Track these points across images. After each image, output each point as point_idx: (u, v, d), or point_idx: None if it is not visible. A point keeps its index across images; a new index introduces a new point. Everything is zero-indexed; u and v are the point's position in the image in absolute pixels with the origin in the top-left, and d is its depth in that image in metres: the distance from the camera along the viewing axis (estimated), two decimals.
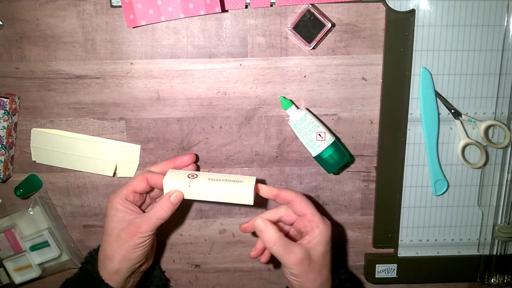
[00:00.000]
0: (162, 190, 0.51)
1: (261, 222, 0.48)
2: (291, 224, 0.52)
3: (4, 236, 0.60)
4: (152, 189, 0.54)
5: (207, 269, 0.65)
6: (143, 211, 0.53)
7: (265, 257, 0.54)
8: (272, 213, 0.51)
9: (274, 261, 0.64)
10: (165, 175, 0.51)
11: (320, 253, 0.48)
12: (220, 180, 0.50)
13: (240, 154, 0.61)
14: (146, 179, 0.51)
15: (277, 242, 0.47)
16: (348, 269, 0.65)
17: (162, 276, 0.62)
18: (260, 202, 0.53)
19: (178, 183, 0.49)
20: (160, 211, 0.49)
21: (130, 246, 0.49)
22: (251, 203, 0.49)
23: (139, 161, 0.61)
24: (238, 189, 0.49)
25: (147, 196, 0.55)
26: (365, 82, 0.58)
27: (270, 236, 0.47)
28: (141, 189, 0.51)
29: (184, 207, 0.63)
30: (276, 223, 0.51)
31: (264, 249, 0.53)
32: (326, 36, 0.56)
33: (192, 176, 0.50)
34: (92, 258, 0.54)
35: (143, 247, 0.50)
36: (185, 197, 0.50)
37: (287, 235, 0.53)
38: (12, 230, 0.60)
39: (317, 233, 0.48)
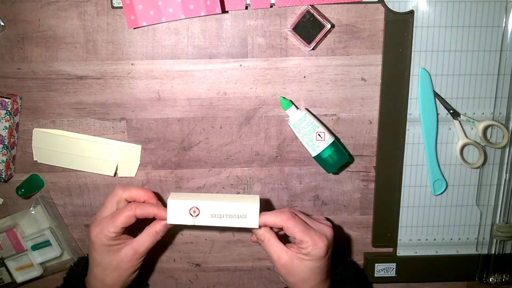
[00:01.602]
0: (156, 219, 0.51)
1: (260, 232, 0.50)
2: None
3: (6, 235, 0.61)
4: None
5: (208, 268, 0.66)
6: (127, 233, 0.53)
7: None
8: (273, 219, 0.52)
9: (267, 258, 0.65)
10: (155, 203, 0.52)
11: (304, 266, 0.49)
12: (223, 216, 0.49)
13: (240, 154, 0.61)
14: (134, 216, 0.50)
15: (263, 237, 0.50)
16: (355, 264, 0.63)
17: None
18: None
19: (182, 222, 0.49)
20: (156, 236, 0.51)
21: (131, 272, 0.51)
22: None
23: (140, 161, 0.61)
24: (243, 225, 0.49)
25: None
26: (364, 83, 0.59)
27: (260, 233, 0.50)
28: (129, 224, 0.50)
29: None
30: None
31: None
32: (326, 37, 0.57)
33: (195, 212, 0.49)
34: (75, 272, 0.55)
35: (140, 265, 0.52)
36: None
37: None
38: (14, 229, 0.61)
39: (305, 252, 0.49)
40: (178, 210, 0.49)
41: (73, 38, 0.56)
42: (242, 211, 0.49)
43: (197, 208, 0.49)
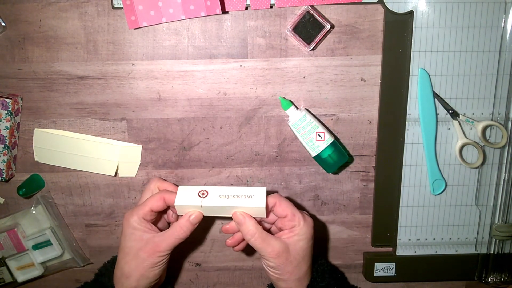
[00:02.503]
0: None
1: (240, 215, 0.49)
2: (273, 223, 0.54)
3: (7, 235, 0.61)
4: (168, 207, 0.54)
5: (208, 267, 0.66)
6: (159, 229, 0.53)
7: (239, 246, 0.54)
8: None
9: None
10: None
11: (300, 248, 0.49)
12: (231, 197, 0.49)
13: (240, 154, 0.61)
14: (163, 198, 0.51)
15: (255, 234, 0.48)
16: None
17: None
18: None
19: (190, 204, 0.49)
20: (180, 231, 0.50)
21: (149, 265, 0.50)
22: (264, 216, 0.50)
23: (141, 161, 0.61)
24: (250, 205, 0.49)
25: (162, 213, 0.55)
26: (364, 83, 0.59)
27: (249, 229, 0.49)
28: (158, 208, 0.51)
29: None
30: (258, 222, 0.52)
31: (242, 239, 0.53)
32: (325, 37, 0.57)
33: (203, 194, 0.50)
34: (107, 271, 0.55)
35: (160, 266, 0.51)
36: None
37: (267, 231, 0.54)
38: (15, 229, 0.61)
39: (297, 230, 0.49)
40: (187, 193, 0.50)
41: (74, 38, 0.57)
42: (249, 192, 0.50)
43: (205, 191, 0.50)
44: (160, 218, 0.56)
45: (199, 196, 0.50)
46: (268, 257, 0.49)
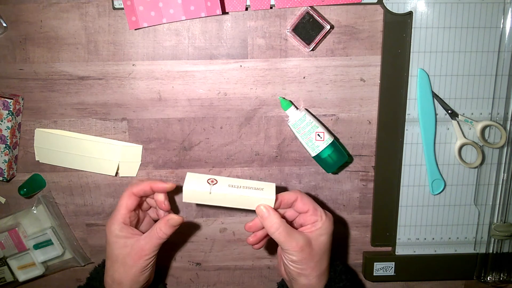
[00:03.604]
0: (159, 192, 0.51)
1: (264, 208, 0.49)
2: (292, 220, 0.53)
3: (8, 234, 0.61)
4: (142, 202, 0.54)
5: (208, 267, 0.66)
6: (141, 232, 0.53)
7: (259, 245, 0.54)
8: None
9: (267, 257, 0.65)
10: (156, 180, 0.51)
11: (321, 243, 0.50)
12: (240, 187, 0.49)
13: (240, 154, 0.62)
14: (132, 193, 0.51)
15: (280, 227, 0.48)
16: (344, 262, 0.66)
17: None
18: None
19: (199, 190, 0.48)
20: (160, 232, 0.50)
21: (138, 270, 0.50)
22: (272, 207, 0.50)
23: (141, 161, 0.61)
24: (260, 197, 0.48)
25: (140, 211, 0.55)
26: (363, 83, 0.59)
27: (273, 222, 0.48)
28: (132, 205, 0.51)
29: (186, 206, 0.64)
30: (282, 216, 0.51)
31: (263, 237, 0.53)
32: (325, 37, 0.57)
33: (212, 182, 0.49)
34: (98, 274, 0.55)
35: (149, 268, 0.51)
36: (204, 203, 0.49)
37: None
38: (16, 228, 0.61)
39: (320, 224, 0.50)
40: (195, 179, 0.49)
41: (74, 39, 0.57)
42: (259, 185, 0.50)
43: (215, 179, 0.50)
44: (144, 219, 0.56)
45: (208, 183, 0.49)
46: (292, 251, 0.48)
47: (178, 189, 0.63)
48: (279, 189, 0.52)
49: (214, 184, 0.49)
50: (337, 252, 0.66)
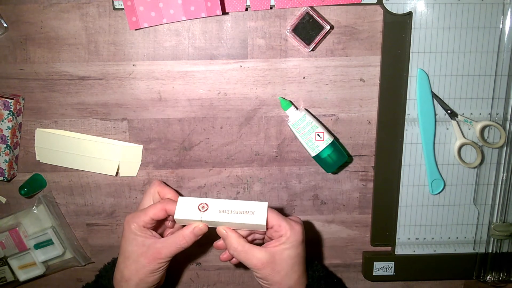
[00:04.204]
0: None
1: (222, 229, 0.50)
2: (264, 234, 0.53)
3: (9, 234, 0.61)
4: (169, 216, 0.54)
5: (208, 266, 0.66)
6: (160, 235, 0.53)
7: (234, 260, 0.54)
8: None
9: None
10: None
11: (287, 257, 0.49)
12: (231, 212, 0.49)
13: (240, 154, 0.62)
14: (165, 209, 0.51)
15: (238, 247, 0.49)
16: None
17: None
18: None
19: (190, 218, 0.49)
20: (182, 240, 0.50)
21: (149, 270, 0.50)
22: (264, 230, 0.50)
23: (141, 160, 0.62)
24: (251, 222, 0.48)
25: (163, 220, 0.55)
26: (363, 83, 0.59)
27: (232, 242, 0.49)
28: (159, 218, 0.51)
29: None
30: (249, 235, 0.52)
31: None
32: (325, 38, 0.57)
33: (203, 207, 0.49)
34: (107, 273, 0.55)
35: (160, 271, 0.51)
36: None
37: (261, 243, 0.54)
38: (17, 228, 0.61)
39: (283, 240, 0.49)
40: (187, 206, 0.50)
41: (75, 39, 0.57)
42: (250, 207, 0.49)
43: (206, 204, 0.50)
44: (161, 224, 0.56)
45: (199, 209, 0.49)
46: (254, 269, 0.49)
47: (182, 190, 0.63)
48: (271, 205, 0.51)
49: (205, 210, 0.49)
50: (337, 252, 0.66)
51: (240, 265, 0.66)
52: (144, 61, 0.58)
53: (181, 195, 0.61)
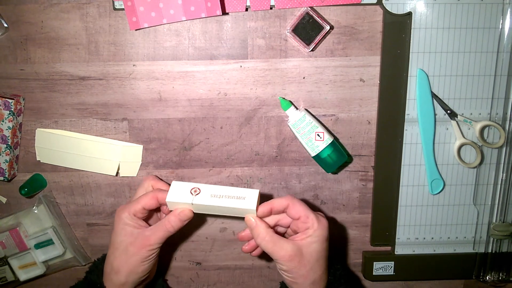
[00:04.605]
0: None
1: (252, 218, 0.49)
2: (288, 227, 0.53)
3: (9, 234, 0.61)
4: (160, 206, 0.54)
5: (208, 266, 0.67)
6: (149, 225, 0.53)
7: (256, 252, 0.54)
8: (269, 218, 0.52)
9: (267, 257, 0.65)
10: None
11: (313, 251, 0.49)
12: (222, 196, 0.49)
13: (240, 154, 0.62)
14: (156, 197, 0.51)
15: (266, 237, 0.48)
16: (345, 265, 0.66)
17: (164, 285, 0.62)
18: None
19: (181, 200, 0.49)
20: (168, 225, 0.50)
21: (138, 259, 0.50)
22: (254, 215, 0.49)
23: (142, 161, 0.62)
24: (241, 206, 0.48)
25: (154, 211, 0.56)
26: (363, 84, 0.59)
27: (260, 232, 0.48)
28: (150, 207, 0.51)
29: None
30: (274, 227, 0.52)
31: (257, 245, 0.53)
32: (325, 38, 0.57)
33: (195, 191, 0.49)
34: (96, 268, 0.55)
35: (150, 260, 0.51)
36: None
37: (283, 235, 0.54)
38: (17, 228, 0.61)
39: (310, 232, 0.49)
40: (179, 190, 0.50)
41: (75, 39, 0.57)
42: (242, 193, 0.49)
43: (198, 188, 0.50)
44: (152, 216, 0.56)
45: (191, 193, 0.49)
46: (281, 261, 0.48)
47: None
48: (266, 197, 0.52)
49: (197, 194, 0.49)
50: (337, 252, 0.66)
51: (240, 265, 0.66)
52: (144, 61, 0.58)
53: None
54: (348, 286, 0.53)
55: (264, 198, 0.52)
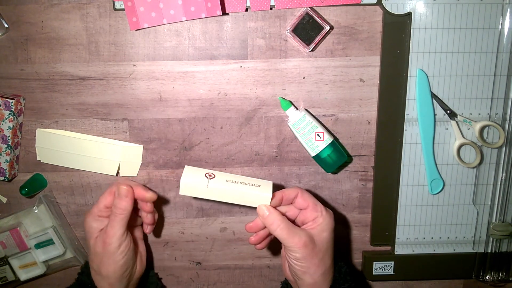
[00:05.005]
0: (140, 200, 0.52)
1: (264, 207, 0.49)
2: (294, 219, 0.54)
3: (9, 234, 0.61)
4: (134, 204, 0.54)
5: (208, 266, 0.67)
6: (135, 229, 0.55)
7: (261, 245, 0.54)
8: (278, 209, 0.52)
9: (267, 256, 0.66)
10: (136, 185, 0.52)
11: (324, 239, 0.50)
12: (238, 182, 0.49)
13: (241, 154, 0.62)
14: (112, 192, 0.52)
15: (281, 224, 0.48)
16: (349, 262, 0.66)
17: (158, 283, 0.63)
18: None
19: (196, 184, 0.48)
20: (115, 209, 0.51)
21: (109, 257, 0.50)
22: (268, 203, 0.50)
23: (142, 160, 0.62)
24: (257, 193, 0.48)
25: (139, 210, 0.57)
26: (363, 84, 0.59)
27: (274, 219, 0.48)
28: (109, 203, 0.53)
29: (186, 206, 0.64)
30: (283, 214, 0.52)
31: (265, 237, 0.53)
32: (325, 38, 0.57)
33: (210, 176, 0.49)
34: (87, 269, 0.56)
35: (122, 255, 0.51)
36: (201, 197, 0.50)
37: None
38: (18, 228, 0.62)
39: (321, 220, 0.50)
40: (193, 173, 0.49)
41: (75, 39, 0.57)
42: (256, 181, 0.50)
43: (213, 173, 0.50)
44: (136, 219, 0.57)
45: (206, 177, 0.49)
46: (295, 248, 0.48)
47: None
48: (277, 188, 0.53)
49: (212, 178, 0.49)
50: (337, 252, 0.66)
51: (240, 265, 0.67)
52: (145, 61, 0.58)
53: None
54: (353, 284, 0.53)
55: (274, 188, 0.52)
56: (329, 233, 0.50)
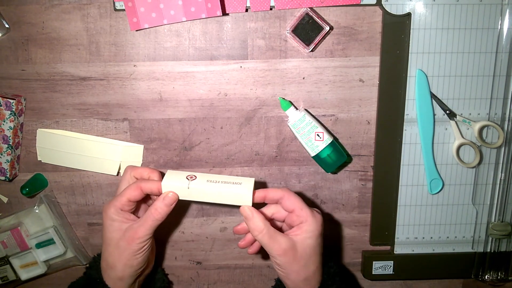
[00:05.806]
0: (158, 196, 0.51)
1: (248, 209, 0.48)
2: (283, 221, 0.53)
3: (10, 233, 0.62)
4: (146, 196, 0.53)
5: (208, 266, 0.67)
6: (139, 217, 0.52)
7: (252, 249, 0.54)
8: (263, 210, 0.51)
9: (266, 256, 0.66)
10: (159, 180, 0.50)
11: (307, 246, 0.48)
12: (218, 182, 0.49)
13: (241, 154, 0.62)
14: (140, 188, 0.50)
15: (263, 230, 0.47)
16: (339, 263, 0.66)
17: (164, 278, 0.63)
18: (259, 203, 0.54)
19: (177, 185, 0.49)
20: (155, 213, 0.49)
21: (130, 253, 0.49)
22: (250, 204, 0.49)
23: (142, 160, 0.62)
24: (237, 191, 0.48)
25: (142, 202, 0.55)
26: (362, 84, 0.60)
27: (256, 224, 0.47)
28: (135, 198, 0.50)
29: (186, 206, 0.64)
30: (269, 221, 0.51)
31: (253, 241, 0.53)
32: (324, 38, 0.58)
33: (191, 177, 0.49)
34: (96, 263, 0.55)
35: (142, 253, 0.51)
36: (184, 199, 0.49)
37: (279, 229, 0.53)
38: (19, 228, 0.62)
39: (305, 227, 0.48)
40: (175, 176, 0.49)
41: (76, 40, 0.57)
42: (238, 180, 0.49)
43: (194, 175, 0.50)
44: (140, 207, 0.55)
45: (187, 179, 0.49)
46: (275, 255, 0.47)
47: None
48: (260, 185, 0.52)
49: (193, 179, 0.49)
50: (336, 251, 0.66)
51: (240, 265, 0.67)
52: (145, 61, 0.58)
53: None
54: (343, 285, 0.52)
55: (260, 188, 0.51)
56: (314, 240, 0.48)
